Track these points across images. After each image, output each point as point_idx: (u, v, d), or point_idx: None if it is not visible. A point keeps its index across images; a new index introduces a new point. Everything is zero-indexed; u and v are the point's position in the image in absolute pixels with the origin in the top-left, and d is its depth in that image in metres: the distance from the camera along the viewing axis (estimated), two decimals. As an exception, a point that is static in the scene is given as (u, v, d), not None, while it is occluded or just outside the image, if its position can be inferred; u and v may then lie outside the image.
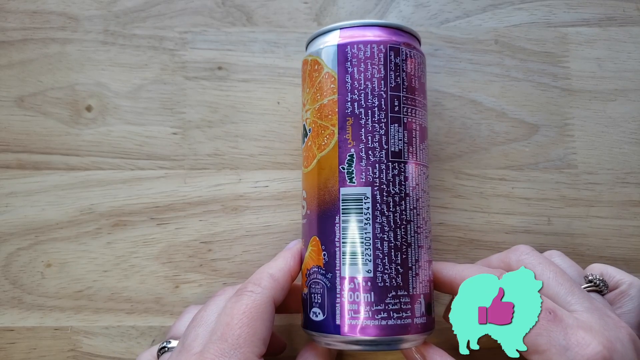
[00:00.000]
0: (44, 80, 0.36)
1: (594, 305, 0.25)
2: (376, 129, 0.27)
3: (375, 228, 0.26)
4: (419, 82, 0.29)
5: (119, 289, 0.34)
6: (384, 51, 0.28)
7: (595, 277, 0.28)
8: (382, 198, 0.27)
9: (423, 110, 0.29)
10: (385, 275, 0.26)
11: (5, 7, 0.36)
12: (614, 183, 0.35)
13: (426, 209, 0.28)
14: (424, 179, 0.28)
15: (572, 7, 0.37)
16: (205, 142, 0.35)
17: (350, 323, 0.26)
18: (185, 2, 0.36)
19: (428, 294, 0.27)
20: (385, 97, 0.27)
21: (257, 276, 0.27)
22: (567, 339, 0.23)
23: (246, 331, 0.24)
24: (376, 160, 0.27)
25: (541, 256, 0.28)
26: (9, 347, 0.33)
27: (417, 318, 0.27)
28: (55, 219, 0.34)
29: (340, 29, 0.29)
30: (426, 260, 0.28)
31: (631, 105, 0.36)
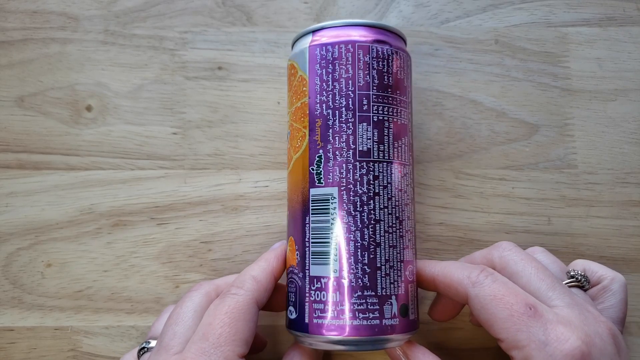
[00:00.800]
0: (44, 80, 0.36)
1: (574, 300, 0.25)
2: (343, 129, 0.27)
3: (341, 228, 0.27)
4: (393, 79, 0.28)
5: (119, 289, 0.34)
6: (352, 51, 0.28)
7: (577, 272, 0.28)
8: (349, 198, 0.27)
9: (400, 106, 0.28)
10: (351, 275, 0.26)
11: (5, 7, 0.36)
12: (614, 183, 0.35)
13: (402, 208, 0.27)
14: (399, 177, 0.27)
15: (572, 7, 0.37)
16: (205, 142, 0.35)
17: (317, 322, 0.26)
18: (185, 2, 0.36)
19: (402, 294, 0.27)
20: (352, 97, 0.27)
21: (240, 278, 0.27)
22: (547, 334, 0.23)
23: (227, 330, 0.25)
24: (343, 160, 0.27)
25: (523, 252, 0.28)
26: (9, 347, 0.33)
27: (387, 319, 0.26)
28: (55, 219, 0.34)
29: (313, 32, 0.29)
30: (400, 260, 0.27)
31: (631, 105, 0.36)
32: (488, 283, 0.25)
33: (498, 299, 0.25)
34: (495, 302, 0.25)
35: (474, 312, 0.26)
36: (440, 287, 0.28)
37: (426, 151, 0.35)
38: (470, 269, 0.26)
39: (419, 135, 0.35)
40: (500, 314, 0.24)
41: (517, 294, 0.25)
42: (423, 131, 0.35)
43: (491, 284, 0.25)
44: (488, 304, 0.25)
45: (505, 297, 0.24)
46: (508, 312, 0.24)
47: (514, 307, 0.24)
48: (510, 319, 0.24)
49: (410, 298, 0.27)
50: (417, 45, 0.36)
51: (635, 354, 0.33)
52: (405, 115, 0.29)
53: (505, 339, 0.24)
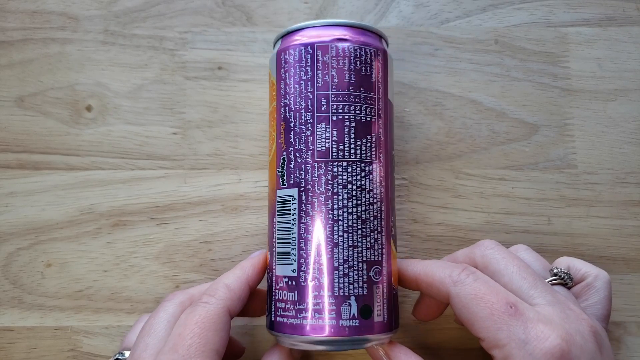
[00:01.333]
0: (44, 80, 0.36)
1: (556, 298, 0.25)
2: (303, 130, 0.27)
3: (300, 228, 0.27)
4: (356, 76, 0.28)
5: (119, 289, 0.34)
6: (312, 52, 0.28)
7: (560, 270, 0.28)
8: (307, 198, 0.27)
9: (364, 103, 0.28)
10: (308, 275, 0.26)
11: (5, 7, 0.36)
12: (614, 183, 0.35)
13: (365, 207, 0.27)
14: (362, 175, 0.27)
15: (572, 7, 0.37)
16: (205, 142, 0.35)
17: (280, 321, 0.27)
18: (185, 2, 0.36)
19: (364, 296, 0.26)
20: (311, 98, 0.27)
21: (212, 287, 0.27)
22: (527, 333, 0.23)
23: (197, 341, 0.24)
24: (303, 161, 0.27)
25: (505, 251, 0.28)
26: (9, 347, 0.33)
27: (344, 320, 0.26)
28: (55, 219, 0.34)
29: (281, 37, 0.29)
30: (363, 260, 0.26)
31: (631, 105, 0.36)
32: (469, 282, 0.25)
33: (479, 298, 0.24)
34: (476, 301, 0.24)
35: (456, 311, 0.26)
36: (423, 287, 0.27)
37: (426, 151, 0.35)
38: (451, 268, 0.26)
39: (419, 135, 0.35)
40: (481, 312, 0.24)
41: (498, 292, 0.25)
42: (423, 131, 0.35)
43: (472, 283, 0.25)
44: (469, 303, 0.25)
45: (486, 295, 0.24)
46: (489, 310, 0.24)
47: (494, 305, 0.24)
48: (490, 317, 0.24)
49: (377, 299, 0.27)
50: (417, 45, 0.36)
51: (635, 354, 0.33)
52: (372, 111, 0.28)
53: (486, 338, 0.24)
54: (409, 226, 0.34)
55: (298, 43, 0.28)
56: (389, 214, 0.28)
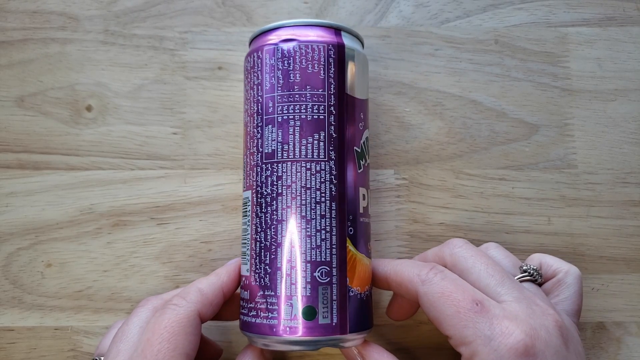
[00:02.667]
0: (44, 80, 0.36)
1: (523, 294, 0.25)
2: (254, 133, 0.28)
3: (252, 229, 0.27)
4: (302, 75, 0.27)
5: (119, 289, 0.34)
6: (261, 56, 0.28)
7: (529, 267, 0.28)
8: (257, 200, 0.27)
9: (311, 102, 0.27)
10: (257, 275, 0.27)
11: (5, 7, 0.36)
12: (614, 183, 0.35)
13: (311, 207, 0.26)
14: (307, 175, 0.27)
15: (572, 7, 0.37)
16: (206, 142, 0.35)
17: (241, 318, 0.28)
18: (185, 2, 0.36)
19: (308, 297, 0.26)
20: (261, 102, 0.28)
21: (184, 290, 0.27)
22: (492, 329, 0.23)
23: (166, 346, 0.24)
24: (255, 163, 0.28)
25: (474, 249, 0.28)
26: (9, 347, 0.33)
27: (286, 320, 0.26)
28: (55, 219, 0.34)
29: (249, 42, 0.30)
30: (308, 260, 0.26)
31: (631, 105, 0.36)
32: (437, 280, 0.25)
33: (446, 296, 0.25)
34: (443, 299, 0.25)
35: (424, 309, 0.26)
36: (393, 286, 0.28)
37: (426, 151, 0.35)
38: (420, 267, 0.26)
39: (419, 135, 0.35)
40: (448, 310, 0.24)
41: (465, 290, 0.25)
42: (423, 131, 0.35)
43: (440, 282, 0.25)
44: (436, 302, 0.25)
45: (453, 294, 0.25)
46: (455, 308, 0.24)
47: (460, 303, 0.24)
48: (457, 315, 0.24)
49: (323, 301, 0.26)
50: (417, 45, 0.36)
51: (635, 354, 0.33)
52: (321, 109, 0.27)
53: (453, 336, 0.24)
54: (410, 226, 0.34)
55: (252, 49, 0.29)
56: (346, 213, 0.27)
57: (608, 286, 0.34)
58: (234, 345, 0.33)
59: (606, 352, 0.33)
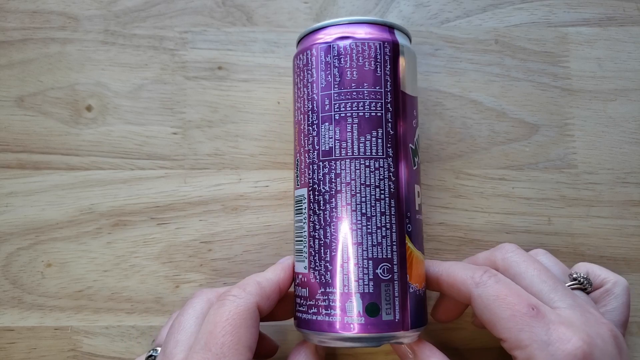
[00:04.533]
0: (44, 80, 0.36)
1: (576, 302, 0.25)
2: (310, 131, 0.28)
3: (309, 227, 0.27)
4: (359, 72, 0.27)
5: (119, 289, 0.34)
6: (315, 54, 0.28)
7: (579, 275, 0.28)
8: (315, 197, 0.27)
9: (368, 99, 0.27)
10: (316, 272, 0.27)
11: (5, 7, 0.36)
12: (614, 183, 0.35)
13: (371, 204, 0.27)
14: (366, 172, 0.27)
15: (572, 7, 0.37)
16: (206, 142, 0.35)
17: (297, 316, 0.28)
18: (185, 2, 0.36)
19: (370, 293, 0.26)
20: (316, 100, 0.28)
21: (243, 282, 0.27)
22: (549, 335, 0.23)
23: (230, 339, 0.24)
24: (310, 161, 0.28)
25: (526, 254, 0.28)
26: (9, 347, 0.33)
27: (349, 317, 0.26)
28: (55, 219, 0.34)
29: (297, 43, 0.30)
30: (369, 257, 0.26)
31: (631, 105, 0.36)
32: (491, 284, 0.25)
33: (501, 299, 0.25)
34: (498, 302, 0.25)
35: (477, 312, 0.26)
36: (444, 287, 0.28)
37: (426, 151, 0.35)
38: (473, 270, 0.26)
39: (420, 135, 0.35)
40: (503, 313, 0.24)
41: (520, 294, 0.25)
42: (423, 131, 0.35)
43: (494, 285, 0.25)
44: (491, 304, 0.25)
45: (508, 297, 0.25)
46: (510, 312, 0.24)
47: (516, 307, 0.24)
48: (512, 319, 0.24)
49: (386, 297, 0.26)
50: (417, 45, 0.36)
51: (636, 354, 0.33)
52: (378, 106, 0.28)
53: (508, 339, 0.24)
54: (409, 226, 0.34)
55: (304, 47, 0.29)
56: (404, 211, 0.27)
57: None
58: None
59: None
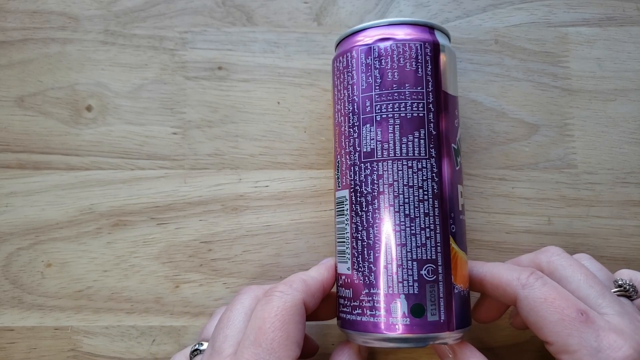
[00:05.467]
0: (44, 80, 0.36)
1: (624, 309, 0.25)
2: (351, 133, 0.28)
3: (352, 228, 0.28)
4: (399, 74, 0.27)
5: (119, 289, 0.34)
6: (356, 56, 0.28)
7: (625, 282, 0.27)
8: (357, 199, 0.28)
9: (410, 99, 0.27)
10: (360, 273, 0.27)
11: (5, 7, 0.36)
12: (614, 183, 0.35)
13: (414, 205, 0.27)
14: (409, 173, 0.27)
15: (572, 7, 0.37)
16: (205, 142, 0.35)
17: (340, 316, 0.28)
18: (185, 2, 0.36)
19: (415, 294, 0.26)
20: (357, 101, 0.28)
21: (289, 278, 0.27)
22: (599, 341, 0.23)
23: (279, 335, 0.24)
24: (352, 163, 0.28)
25: (571, 258, 0.28)
26: (9, 347, 0.33)
27: (394, 318, 0.26)
28: (55, 219, 0.34)
29: (336, 46, 0.30)
30: (413, 259, 0.26)
31: (631, 105, 0.36)
32: (538, 286, 0.25)
33: (549, 302, 0.24)
34: (546, 305, 0.24)
35: (523, 313, 0.25)
36: (488, 288, 0.27)
37: (426, 151, 0.35)
38: (519, 271, 0.26)
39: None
40: (551, 317, 0.24)
41: (568, 298, 0.25)
42: (423, 131, 0.35)
43: (542, 287, 0.25)
44: (538, 307, 0.25)
45: (557, 300, 0.24)
46: (559, 315, 0.24)
47: (565, 311, 0.24)
48: (561, 322, 0.24)
49: (431, 298, 0.26)
50: (417, 45, 0.36)
51: (635, 354, 0.33)
52: (421, 107, 0.27)
53: (555, 342, 0.24)
54: (409, 226, 0.34)
55: (343, 50, 0.29)
56: (447, 211, 0.27)
57: None
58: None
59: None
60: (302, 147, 0.35)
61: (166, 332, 0.33)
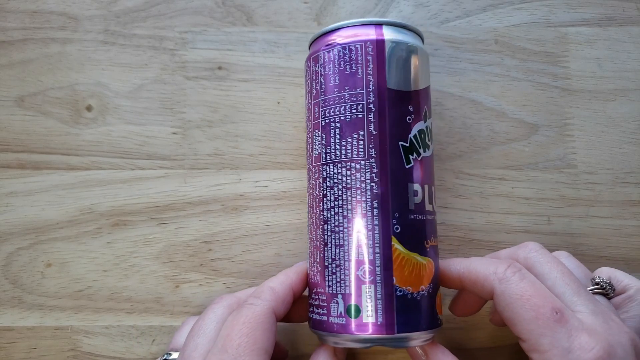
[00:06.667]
0: (44, 80, 0.36)
1: (598, 308, 0.25)
2: (307, 139, 0.30)
3: (309, 230, 0.29)
4: (340, 77, 0.28)
5: (119, 289, 0.34)
6: (309, 65, 0.30)
7: (602, 280, 0.27)
8: (310, 201, 0.29)
9: (348, 102, 0.27)
10: (312, 273, 0.28)
11: (5, 7, 0.36)
12: (613, 183, 0.35)
13: (352, 206, 0.27)
14: (347, 175, 0.27)
15: (572, 7, 0.37)
16: (205, 141, 0.35)
17: (310, 316, 0.29)
18: (185, 2, 0.36)
19: (350, 295, 0.26)
20: (310, 108, 0.29)
21: (258, 290, 0.28)
22: (571, 342, 0.23)
23: (246, 340, 0.24)
24: (308, 167, 0.29)
25: (549, 255, 0.27)
26: (9, 346, 0.33)
27: (333, 317, 0.26)
28: (55, 219, 0.34)
29: None
30: (349, 259, 0.26)
31: (631, 105, 0.36)
32: (515, 280, 0.25)
33: (525, 299, 0.24)
34: (521, 301, 0.24)
35: (498, 308, 0.25)
36: (467, 284, 0.27)
37: (426, 151, 0.35)
38: (497, 264, 0.26)
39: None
40: (526, 314, 0.24)
41: (545, 296, 0.24)
42: (423, 131, 0.35)
43: (518, 282, 0.25)
44: (514, 303, 0.24)
45: (533, 298, 0.24)
46: (534, 314, 0.24)
47: (540, 309, 0.24)
48: (535, 321, 0.24)
49: (367, 299, 0.26)
50: (417, 45, 0.36)
51: (635, 354, 0.33)
52: (359, 108, 0.27)
53: (528, 340, 0.24)
54: (409, 226, 0.34)
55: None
56: (390, 211, 0.27)
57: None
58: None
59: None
60: (302, 147, 0.35)
61: (166, 332, 0.33)
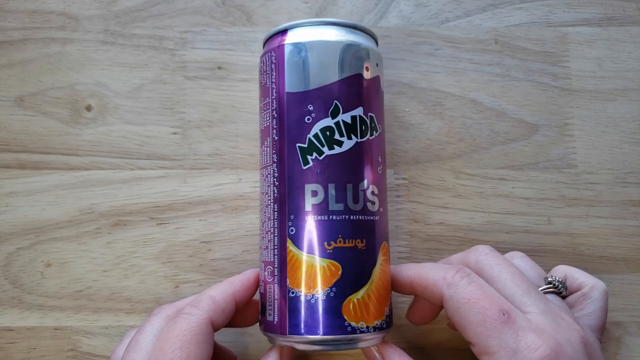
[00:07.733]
0: (44, 80, 0.36)
1: (549, 307, 0.25)
2: None
3: None
4: (260, 90, 0.29)
5: (119, 289, 0.34)
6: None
7: (555, 279, 0.27)
8: None
9: (262, 111, 0.29)
10: None
11: (5, 7, 0.36)
12: (614, 183, 0.35)
13: (263, 210, 0.28)
14: (261, 180, 0.29)
15: (572, 6, 0.37)
16: (205, 141, 0.35)
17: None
18: (185, 1, 0.36)
19: (261, 293, 0.28)
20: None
21: (197, 298, 0.27)
22: (517, 342, 0.23)
23: (178, 355, 0.24)
24: None
25: (500, 257, 0.27)
26: (9, 347, 0.33)
27: (262, 316, 0.28)
28: (55, 219, 0.34)
29: None
30: (260, 260, 0.28)
31: (631, 105, 0.36)
32: (463, 285, 0.25)
33: (472, 303, 0.24)
34: (469, 305, 0.24)
35: (448, 313, 0.25)
36: (418, 290, 0.27)
37: (426, 151, 0.35)
38: (445, 270, 0.26)
39: (419, 135, 0.35)
40: (473, 318, 0.24)
41: (492, 298, 0.24)
42: (423, 131, 0.35)
43: (466, 287, 0.25)
44: (462, 307, 0.24)
45: (480, 301, 0.24)
46: (481, 316, 0.24)
47: (487, 312, 0.24)
48: (482, 324, 0.24)
49: (268, 299, 0.27)
50: (417, 45, 0.36)
51: (635, 354, 0.33)
52: (267, 116, 0.28)
53: (477, 344, 0.24)
54: (409, 226, 0.34)
55: None
56: (286, 214, 0.27)
57: (608, 286, 0.34)
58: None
59: (606, 351, 0.33)
60: (302, 147, 0.35)
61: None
